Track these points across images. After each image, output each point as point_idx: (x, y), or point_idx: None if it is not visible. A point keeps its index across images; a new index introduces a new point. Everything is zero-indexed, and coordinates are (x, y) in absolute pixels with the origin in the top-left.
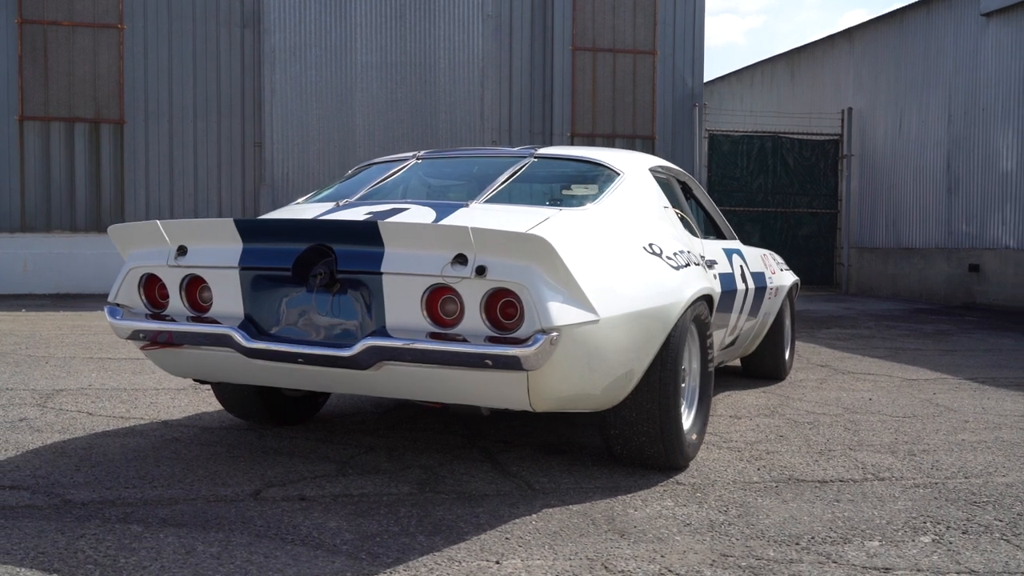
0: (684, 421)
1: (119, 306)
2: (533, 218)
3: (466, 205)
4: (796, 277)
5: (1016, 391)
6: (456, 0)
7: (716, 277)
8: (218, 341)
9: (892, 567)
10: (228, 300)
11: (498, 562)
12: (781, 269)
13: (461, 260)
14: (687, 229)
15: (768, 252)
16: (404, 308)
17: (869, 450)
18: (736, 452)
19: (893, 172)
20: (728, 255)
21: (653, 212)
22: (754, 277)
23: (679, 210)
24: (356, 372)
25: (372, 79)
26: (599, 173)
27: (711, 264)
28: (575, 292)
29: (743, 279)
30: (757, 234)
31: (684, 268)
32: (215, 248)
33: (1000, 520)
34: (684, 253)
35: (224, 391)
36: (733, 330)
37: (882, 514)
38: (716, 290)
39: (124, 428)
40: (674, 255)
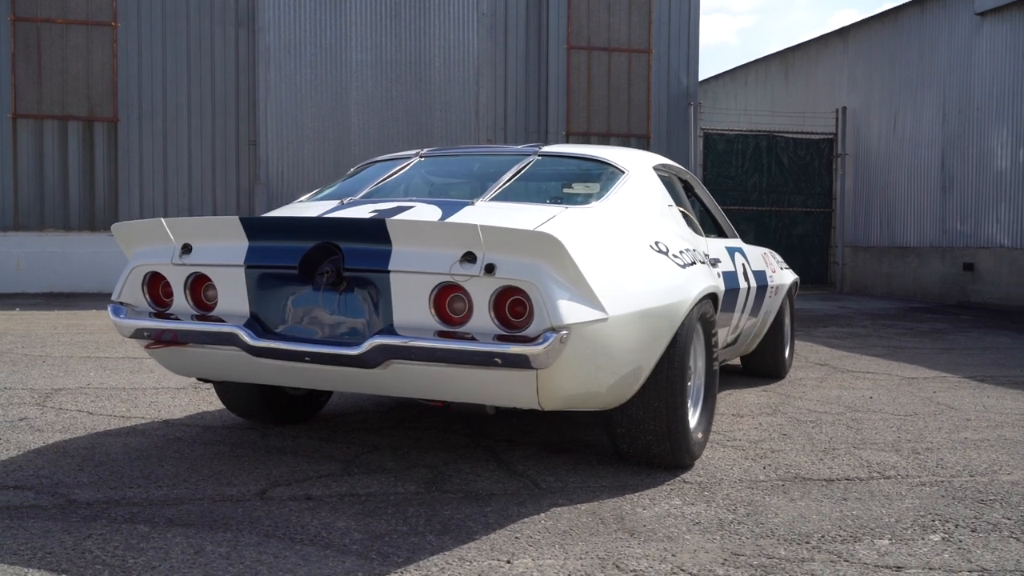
0: (690, 420)
1: (123, 304)
2: (540, 216)
3: (472, 203)
4: (796, 276)
5: (1016, 389)
6: None
7: (720, 275)
8: (224, 340)
9: (904, 565)
10: (233, 298)
11: (509, 561)
12: (781, 268)
13: (470, 258)
14: (691, 227)
15: (768, 251)
16: (412, 306)
17: (873, 448)
18: (741, 451)
19: (887, 171)
20: (731, 253)
21: (658, 210)
22: (756, 276)
23: (682, 208)
24: (363, 371)
25: (367, 78)
26: (603, 171)
27: (715, 262)
28: (584, 290)
29: (745, 277)
30: (752, 233)
31: (690, 266)
32: (220, 246)
33: (1008, 518)
34: (690, 251)
35: (226, 390)
36: (735, 329)
37: (890, 512)
38: (721, 288)
39: (125, 427)
40: (680, 253)
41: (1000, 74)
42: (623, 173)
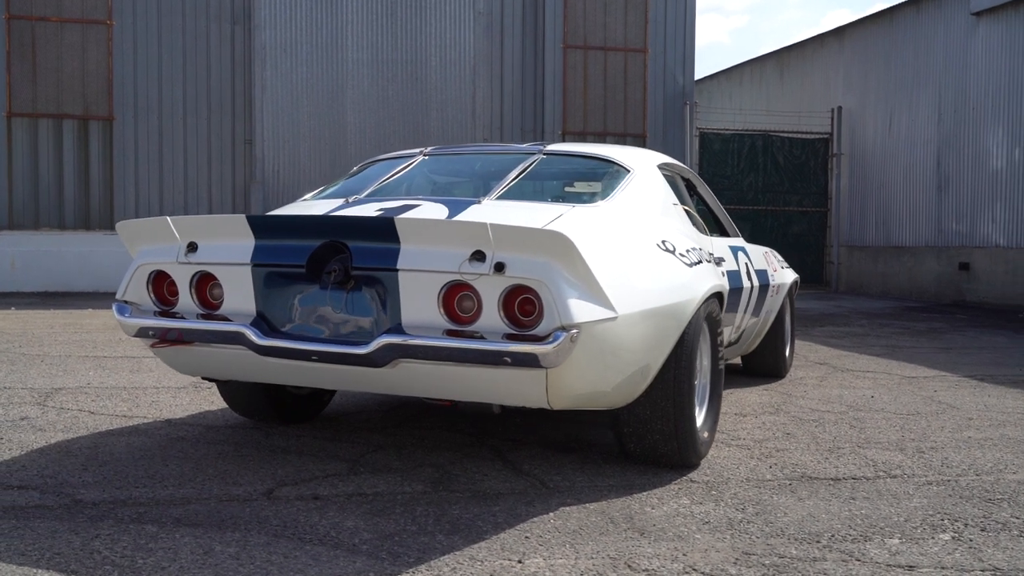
0: (697, 419)
1: (127, 303)
2: (547, 215)
3: (478, 202)
4: (796, 275)
5: (1016, 389)
6: None
7: (724, 274)
8: (230, 339)
9: (916, 565)
10: (239, 297)
11: (520, 561)
12: (782, 267)
13: (479, 257)
14: (696, 226)
15: (769, 250)
16: (420, 305)
17: (877, 447)
18: (746, 450)
19: (883, 171)
20: (734, 252)
21: (664, 209)
22: (758, 275)
23: (686, 207)
24: (371, 370)
25: (363, 76)
26: (609, 170)
27: (719, 261)
28: (594, 289)
29: (748, 277)
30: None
31: (697, 265)
32: (227, 244)
33: (1017, 517)
34: (696, 250)
35: (230, 389)
36: (738, 328)
37: (899, 512)
38: (726, 287)
39: (128, 427)
40: (687, 252)
41: (995, 74)
42: (628, 172)
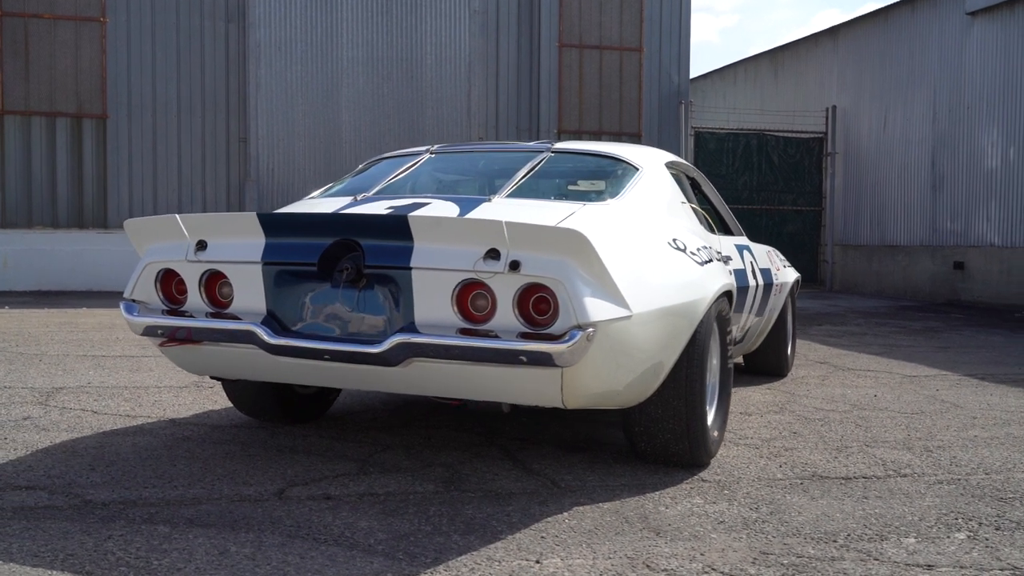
0: (707, 417)
1: (135, 302)
2: (559, 213)
3: (488, 200)
4: (798, 274)
5: (1017, 387)
6: None
7: (731, 273)
8: (241, 338)
9: (935, 564)
10: (250, 296)
11: (538, 561)
12: (784, 266)
13: (494, 255)
14: (704, 225)
15: (772, 248)
16: (434, 304)
17: (885, 446)
18: (754, 449)
19: (878, 170)
20: (740, 251)
21: (673, 208)
22: (763, 273)
23: (694, 206)
24: (385, 369)
25: (358, 74)
26: (617, 168)
27: (727, 260)
28: (610, 287)
29: (754, 275)
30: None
31: (707, 264)
32: (237, 243)
33: None
34: (706, 249)
35: (236, 388)
36: (743, 327)
37: (912, 511)
38: (735, 286)
39: (132, 427)
40: (697, 251)
41: (990, 73)
42: (637, 170)
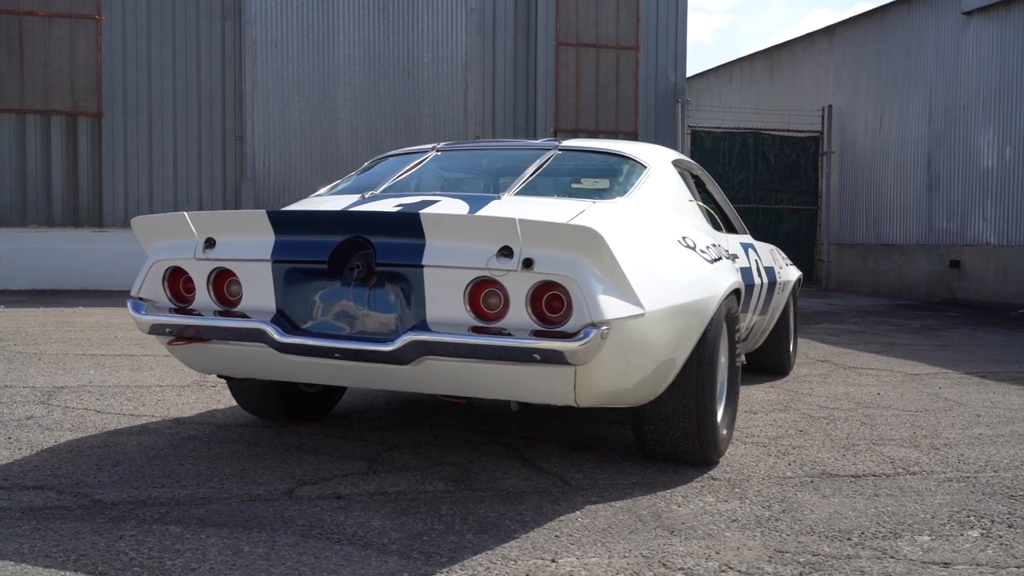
0: (717, 415)
1: (142, 300)
2: (569, 211)
3: (498, 197)
4: (799, 272)
5: (1018, 385)
6: None
7: (738, 271)
8: (250, 336)
9: (951, 562)
10: (259, 294)
11: (554, 560)
12: (786, 264)
13: (507, 252)
14: (711, 223)
15: (774, 247)
16: (446, 302)
17: (891, 444)
18: (762, 447)
19: (874, 169)
20: (745, 249)
21: (681, 205)
22: (767, 272)
23: (700, 204)
24: (396, 367)
25: (355, 72)
26: (625, 166)
27: (733, 258)
28: (623, 285)
29: (759, 274)
30: None
31: (716, 262)
32: (246, 240)
33: None
34: (715, 247)
35: (240, 387)
36: (748, 325)
37: (924, 508)
38: (743, 284)
39: (137, 426)
40: (707, 249)
41: (986, 73)
42: (645, 168)
